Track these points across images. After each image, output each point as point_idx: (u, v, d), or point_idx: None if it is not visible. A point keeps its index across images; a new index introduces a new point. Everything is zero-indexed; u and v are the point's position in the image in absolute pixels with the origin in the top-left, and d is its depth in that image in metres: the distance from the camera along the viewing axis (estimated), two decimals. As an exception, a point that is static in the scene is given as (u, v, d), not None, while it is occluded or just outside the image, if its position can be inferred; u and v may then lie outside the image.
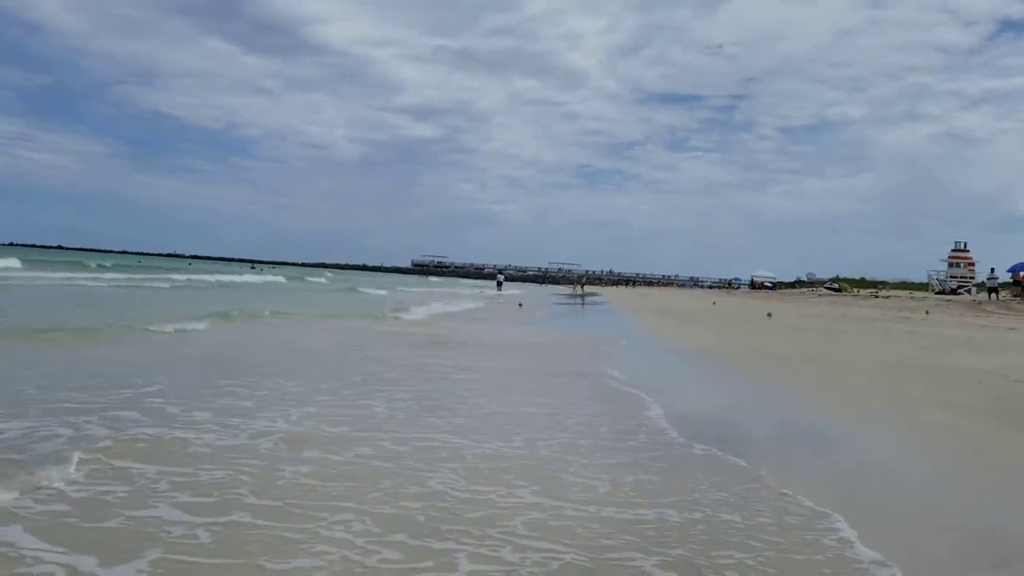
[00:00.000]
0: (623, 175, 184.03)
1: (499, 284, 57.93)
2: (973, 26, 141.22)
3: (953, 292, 60.56)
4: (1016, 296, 38.25)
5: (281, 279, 49.89)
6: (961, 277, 66.60)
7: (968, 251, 68.51)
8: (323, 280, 57.67)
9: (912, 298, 43.31)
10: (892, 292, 60.79)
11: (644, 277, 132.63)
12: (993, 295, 38.74)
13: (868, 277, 78.97)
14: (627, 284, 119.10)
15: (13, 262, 37.77)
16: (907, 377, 10.01)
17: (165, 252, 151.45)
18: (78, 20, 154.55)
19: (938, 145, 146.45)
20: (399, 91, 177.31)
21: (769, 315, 24.21)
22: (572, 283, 77.01)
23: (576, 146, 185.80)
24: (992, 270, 40.01)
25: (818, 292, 64.83)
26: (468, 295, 40.42)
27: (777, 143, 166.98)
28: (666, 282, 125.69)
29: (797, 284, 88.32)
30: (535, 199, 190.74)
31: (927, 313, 26.90)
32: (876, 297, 46.08)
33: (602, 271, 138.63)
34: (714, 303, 35.89)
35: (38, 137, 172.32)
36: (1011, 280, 40.61)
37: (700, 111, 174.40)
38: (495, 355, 11.68)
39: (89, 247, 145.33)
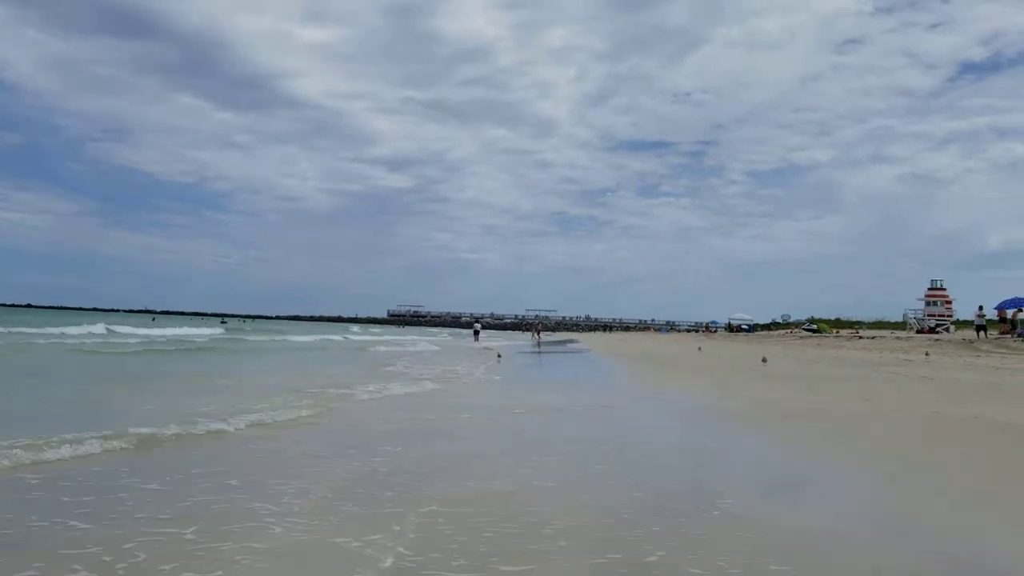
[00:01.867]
0: (596, 221, 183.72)
1: (476, 333, 55.80)
2: (934, 69, 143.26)
3: (932, 331, 59.52)
4: (1005, 333, 36.93)
5: (331, 337, 47.82)
6: (939, 315, 65.79)
7: (944, 289, 67.86)
8: (355, 337, 54.39)
9: (898, 338, 41.84)
10: (871, 332, 59.55)
11: (621, 322, 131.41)
12: (982, 333, 37.39)
13: (843, 318, 78.04)
14: (604, 330, 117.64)
15: (99, 328, 36.25)
16: (985, 440, 8.07)
17: (138, 308, 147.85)
18: (52, 80, 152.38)
19: (905, 186, 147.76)
20: (372, 143, 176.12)
21: (764, 361, 22.34)
22: (531, 330, 77.86)
23: (550, 194, 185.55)
24: (980, 308, 38.67)
25: (797, 334, 63.46)
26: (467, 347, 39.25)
27: (746, 187, 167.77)
28: (643, 327, 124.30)
29: (773, 326, 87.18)
30: (510, 247, 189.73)
31: (927, 355, 25.19)
32: (860, 338, 44.54)
33: (579, 317, 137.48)
34: (699, 348, 34.01)
35: (10, 196, 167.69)
36: (997, 318, 39.29)
37: (670, 157, 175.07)
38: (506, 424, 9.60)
39: (60, 305, 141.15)
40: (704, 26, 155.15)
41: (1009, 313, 38.77)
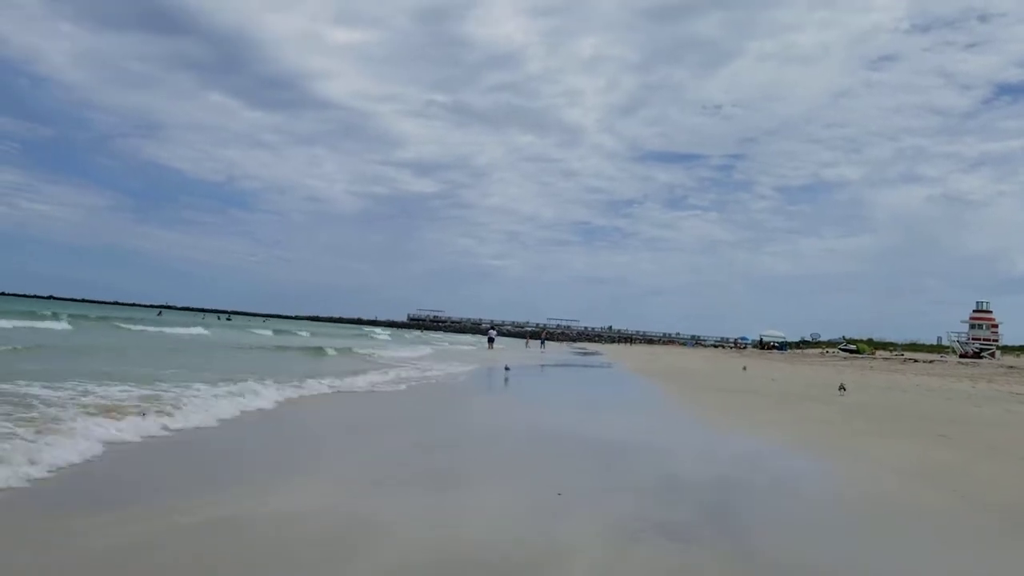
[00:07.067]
0: (621, 232, 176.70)
1: (491, 340, 50.43)
2: (970, 90, 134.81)
3: (976, 355, 53.52)
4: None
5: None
6: (984, 339, 59.52)
7: (991, 312, 61.50)
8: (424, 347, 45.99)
9: (960, 363, 35.95)
10: (916, 355, 53.41)
11: (644, 335, 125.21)
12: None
13: (874, 338, 71.75)
14: (628, 342, 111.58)
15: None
16: None
17: (158, 303, 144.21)
18: (83, 74, 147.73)
19: (936, 207, 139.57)
20: (399, 146, 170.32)
21: (843, 389, 16.86)
22: (537, 337, 73.65)
23: (574, 203, 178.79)
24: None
25: (835, 354, 57.38)
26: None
27: (775, 203, 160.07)
28: (667, 340, 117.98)
29: (803, 344, 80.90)
30: (533, 255, 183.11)
31: (1037, 388, 19.53)
32: (916, 362, 38.56)
33: (601, 328, 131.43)
34: (744, 368, 28.39)
35: (40, 188, 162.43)
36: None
37: (698, 170, 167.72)
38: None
39: (81, 298, 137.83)
40: (738, 39, 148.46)
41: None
